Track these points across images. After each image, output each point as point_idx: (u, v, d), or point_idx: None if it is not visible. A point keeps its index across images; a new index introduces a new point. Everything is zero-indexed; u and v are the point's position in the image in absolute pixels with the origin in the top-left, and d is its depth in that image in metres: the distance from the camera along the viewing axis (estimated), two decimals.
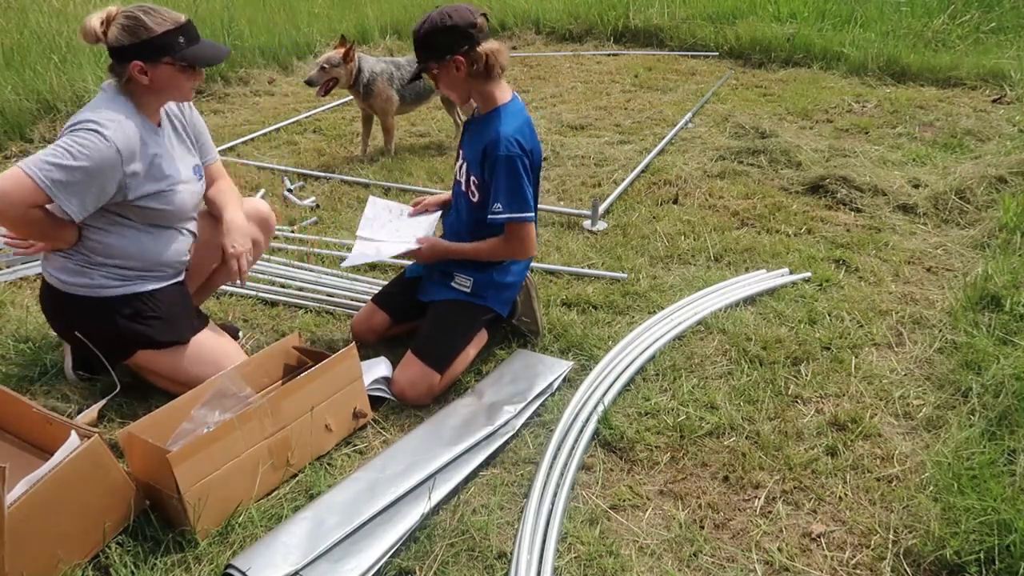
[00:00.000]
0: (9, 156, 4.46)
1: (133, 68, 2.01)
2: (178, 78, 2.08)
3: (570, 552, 1.75)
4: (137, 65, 2.00)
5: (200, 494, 1.72)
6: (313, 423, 2.00)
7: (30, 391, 2.30)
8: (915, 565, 1.71)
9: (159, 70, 2.03)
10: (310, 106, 5.55)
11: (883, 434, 2.14)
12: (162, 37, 2.01)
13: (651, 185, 3.96)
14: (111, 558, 1.70)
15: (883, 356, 2.50)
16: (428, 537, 1.79)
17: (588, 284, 2.95)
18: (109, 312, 2.14)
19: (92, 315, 2.15)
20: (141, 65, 2.01)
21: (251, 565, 1.63)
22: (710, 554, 1.75)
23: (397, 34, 7.66)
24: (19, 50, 5.41)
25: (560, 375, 2.37)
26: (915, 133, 4.74)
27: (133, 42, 1.99)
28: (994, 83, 5.71)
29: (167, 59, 2.03)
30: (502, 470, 2.02)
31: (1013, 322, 2.55)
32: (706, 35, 7.27)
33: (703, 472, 2.01)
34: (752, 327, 2.63)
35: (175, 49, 2.03)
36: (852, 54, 6.35)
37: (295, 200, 3.79)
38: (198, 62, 2.08)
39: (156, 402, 2.09)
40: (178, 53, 2.03)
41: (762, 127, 4.68)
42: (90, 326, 2.16)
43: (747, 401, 2.27)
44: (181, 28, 2.04)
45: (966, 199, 3.60)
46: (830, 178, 3.83)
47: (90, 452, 1.65)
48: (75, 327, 2.16)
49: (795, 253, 3.19)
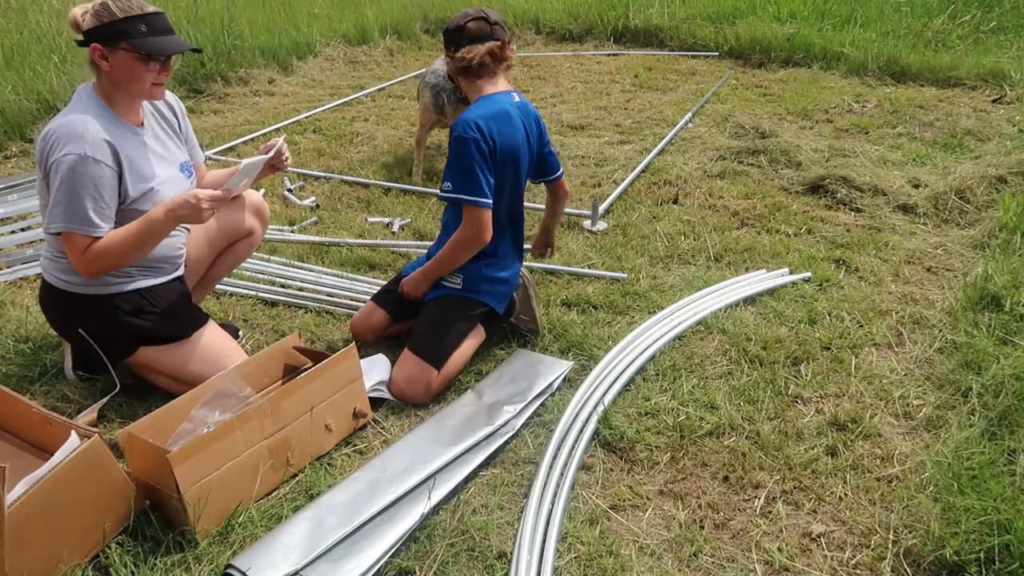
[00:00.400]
0: (9, 156, 4.46)
1: (94, 51, 2.01)
2: (137, 68, 2.04)
3: (570, 552, 1.75)
4: (97, 48, 2.01)
5: (200, 494, 1.72)
6: (313, 423, 2.00)
7: (30, 391, 2.30)
8: (915, 565, 1.71)
9: (117, 56, 2.02)
10: (310, 106, 5.56)
11: (883, 434, 2.14)
12: (123, 22, 2.00)
13: (651, 185, 3.96)
14: (111, 558, 1.70)
15: (883, 356, 2.50)
16: (428, 537, 1.79)
17: (588, 284, 2.95)
18: (110, 309, 2.14)
19: (93, 313, 2.15)
20: (101, 49, 2.01)
21: (251, 565, 1.63)
22: (710, 554, 1.75)
23: (397, 34, 7.67)
24: (19, 50, 5.41)
25: (560, 375, 2.37)
26: (915, 133, 4.74)
27: (95, 25, 2.00)
28: (994, 83, 5.71)
29: (124, 44, 2.00)
30: (502, 470, 2.02)
31: (1013, 322, 2.55)
32: (706, 35, 7.27)
33: (703, 472, 2.01)
34: (752, 327, 2.63)
35: (133, 35, 2.01)
36: (852, 54, 6.35)
37: (295, 200, 3.79)
38: (150, 49, 2.03)
39: (156, 402, 2.09)
40: (136, 41, 2.01)
41: (762, 127, 4.68)
42: (91, 324, 2.16)
43: (747, 401, 2.27)
44: (144, 17, 2.03)
45: (966, 199, 3.60)
46: (830, 178, 3.83)
47: (90, 452, 1.65)
48: (77, 326, 2.16)
49: (795, 253, 3.19)
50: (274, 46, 6.52)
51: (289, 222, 3.57)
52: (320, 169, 4.24)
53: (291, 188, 3.93)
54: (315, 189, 3.99)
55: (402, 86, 6.24)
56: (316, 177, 4.12)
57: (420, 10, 8.18)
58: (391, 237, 3.41)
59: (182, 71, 5.71)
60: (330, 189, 3.97)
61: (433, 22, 8.13)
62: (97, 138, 1.98)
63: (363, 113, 5.44)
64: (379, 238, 3.39)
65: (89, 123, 1.99)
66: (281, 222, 3.56)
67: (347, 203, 3.79)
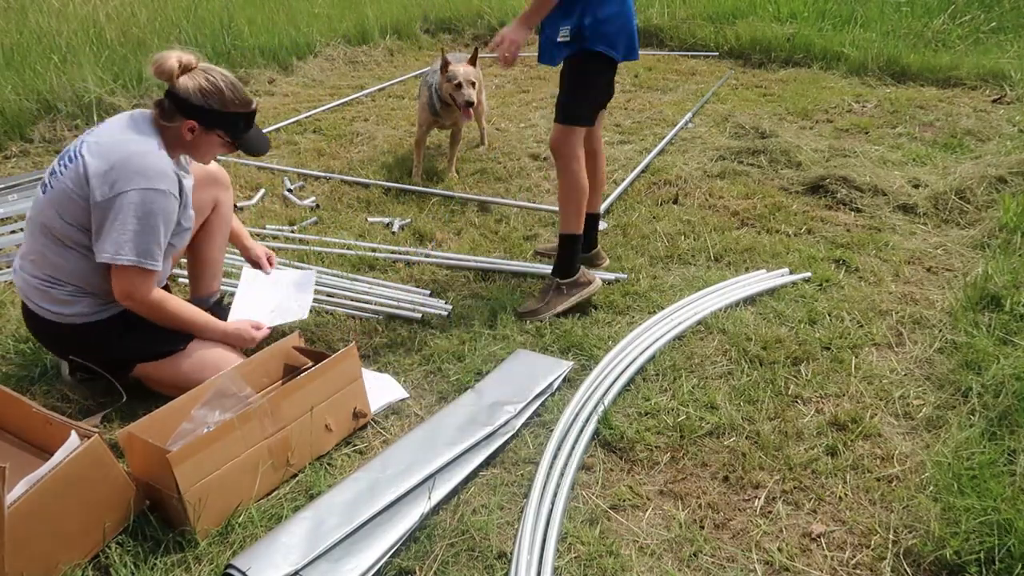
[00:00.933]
0: (9, 156, 4.46)
1: (185, 125, 2.04)
2: (216, 149, 2.14)
3: (570, 552, 1.75)
4: (191, 124, 2.04)
5: (200, 494, 1.72)
6: (313, 423, 2.00)
7: (30, 391, 2.30)
8: (915, 565, 1.71)
9: (208, 137, 2.08)
10: (310, 106, 5.56)
11: (883, 434, 2.14)
12: (230, 115, 2.07)
13: (651, 185, 3.96)
14: (111, 558, 1.70)
15: (883, 356, 2.50)
16: (428, 537, 1.79)
17: None
18: (103, 334, 2.13)
19: (87, 339, 2.13)
20: (195, 126, 2.05)
21: (251, 565, 1.63)
22: (710, 554, 1.75)
23: (397, 34, 7.66)
24: (19, 50, 5.41)
25: (560, 375, 2.37)
26: (915, 133, 4.74)
27: (201, 106, 2.02)
28: (994, 83, 5.71)
29: (220, 132, 2.08)
30: (502, 470, 2.02)
31: (1013, 322, 2.55)
32: (706, 35, 7.27)
33: (703, 472, 2.01)
34: (752, 327, 2.63)
35: (233, 130, 2.10)
36: (852, 54, 6.35)
37: (295, 200, 3.79)
38: (246, 148, 2.16)
39: (156, 402, 2.08)
40: (233, 134, 2.10)
41: (762, 127, 4.68)
42: (86, 349, 2.15)
43: (747, 401, 2.27)
44: (248, 114, 2.12)
45: (966, 199, 3.60)
46: (830, 178, 3.83)
47: (90, 452, 1.65)
48: (71, 351, 2.16)
49: (795, 253, 3.19)
50: (274, 46, 6.51)
51: (289, 222, 3.57)
52: (320, 169, 4.24)
53: (291, 188, 3.93)
54: (315, 189, 3.99)
55: (402, 86, 6.24)
56: (316, 177, 4.12)
57: (420, 10, 8.18)
58: (391, 237, 3.41)
59: None
60: (330, 189, 3.97)
61: (433, 22, 8.13)
62: (171, 173, 2.02)
63: (363, 113, 5.44)
64: (379, 239, 3.39)
65: (164, 158, 2.02)
66: (281, 222, 3.56)
67: (347, 203, 3.79)
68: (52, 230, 2.01)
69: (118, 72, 5.28)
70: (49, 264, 2.04)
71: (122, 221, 1.94)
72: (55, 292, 2.06)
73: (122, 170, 1.94)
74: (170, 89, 2.02)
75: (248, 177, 4.10)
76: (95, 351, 2.15)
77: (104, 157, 1.96)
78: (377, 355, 2.52)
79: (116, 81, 5.20)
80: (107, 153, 1.96)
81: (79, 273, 2.05)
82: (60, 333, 2.12)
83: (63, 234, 2.01)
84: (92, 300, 2.09)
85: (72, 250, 2.02)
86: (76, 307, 2.08)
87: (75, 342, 2.14)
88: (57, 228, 2.00)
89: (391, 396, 2.29)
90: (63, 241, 2.02)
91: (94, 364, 2.14)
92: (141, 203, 1.95)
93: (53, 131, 4.73)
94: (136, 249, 1.96)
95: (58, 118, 4.80)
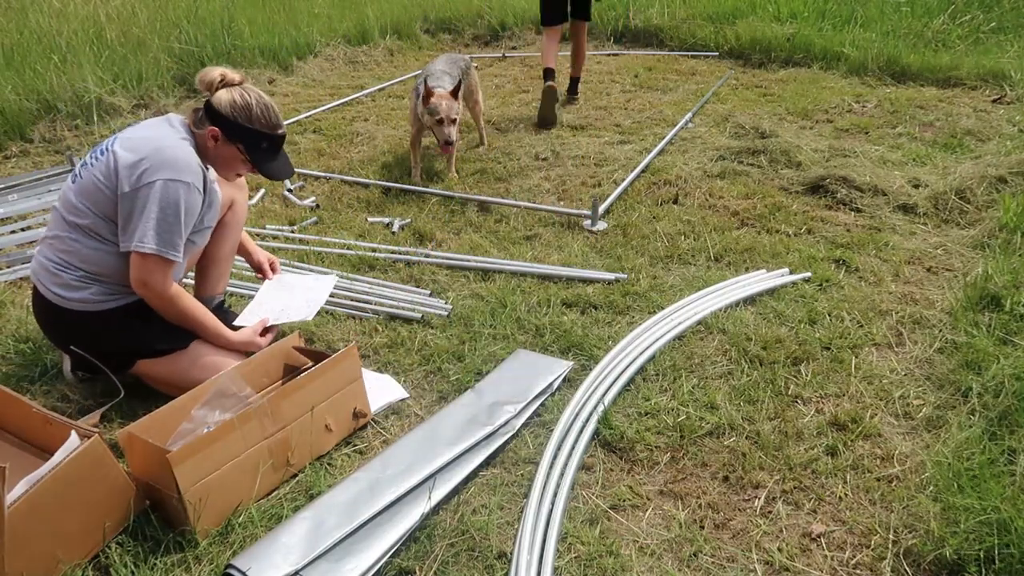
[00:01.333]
0: (9, 156, 4.46)
1: (210, 131, 2.11)
2: (236, 164, 2.19)
3: (570, 552, 1.75)
4: (215, 132, 2.11)
5: (200, 494, 1.72)
6: (313, 423, 2.00)
7: (30, 391, 2.30)
8: (915, 565, 1.71)
9: (228, 147, 2.14)
10: (310, 106, 5.56)
11: (883, 434, 2.14)
12: (253, 132, 2.13)
13: (651, 185, 3.96)
14: (111, 558, 1.70)
15: (883, 356, 2.50)
16: (428, 537, 1.79)
17: (588, 284, 2.95)
18: (107, 325, 2.14)
19: (90, 328, 2.14)
20: (218, 134, 2.11)
21: (251, 565, 1.63)
22: (710, 554, 1.75)
23: (397, 34, 7.66)
24: (19, 50, 5.41)
25: (560, 375, 2.37)
26: (915, 133, 4.74)
27: (227, 116, 2.09)
28: (994, 83, 5.71)
29: (241, 146, 2.14)
30: (502, 470, 2.02)
31: (1013, 322, 2.55)
32: (706, 35, 7.27)
33: (703, 472, 2.01)
34: (752, 327, 2.63)
35: (253, 147, 2.15)
36: (852, 54, 6.35)
37: (295, 200, 3.79)
38: (262, 170, 2.20)
39: (156, 402, 2.09)
40: (252, 151, 2.15)
41: (762, 127, 4.68)
42: (88, 339, 2.15)
43: (747, 401, 2.27)
44: (272, 136, 2.17)
45: (966, 199, 3.60)
46: (830, 178, 3.83)
47: (90, 452, 1.65)
48: (73, 341, 2.16)
49: (795, 253, 3.19)
50: (274, 46, 6.52)
51: (289, 222, 3.57)
52: (320, 169, 4.24)
53: (291, 188, 3.93)
54: (315, 189, 3.99)
55: (402, 86, 6.24)
56: (316, 177, 4.12)
57: (420, 10, 8.18)
58: (391, 237, 3.41)
59: (182, 71, 5.71)
60: (330, 189, 3.97)
61: (433, 22, 8.13)
62: (197, 167, 2.08)
63: (363, 113, 5.44)
64: (379, 239, 3.39)
65: (192, 154, 2.08)
66: (281, 222, 3.56)
67: (347, 203, 3.79)
68: (72, 215, 2.07)
69: (118, 72, 5.28)
70: (64, 247, 2.10)
71: (148, 210, 2.00)
72: (65, 275, 2.10)
73: (151, 161, 2.01)
74: (208, 99, 2.12)
75: (248, 177, 4.09)
76: (96, 342, 2.15)
77: (135, 150, 2.03)
78: (377, 355, 2.53)
79: (116, 81, 5.20)
80: (138, 147, 2.04)
81: (92, 259, 2.09)
82: (62, 320, 2.14)
83: (82, 220, 2.06)
84: (100, 288, 2.12)
85: (88, 236, 2.07)
86: (83, 292, 2.10)
87: (76, 330, 2.15)
88: (78, 213, 2.06)
89: (391, 396, 2.29)
90: (80, 227, 2.07)
91: (94, 357, 2.15)
92: (166, 193, 2.00)
93: (53, 131, 4.73)
94: (158, 238, 2.01)
95: (58, 118, 4.81)
